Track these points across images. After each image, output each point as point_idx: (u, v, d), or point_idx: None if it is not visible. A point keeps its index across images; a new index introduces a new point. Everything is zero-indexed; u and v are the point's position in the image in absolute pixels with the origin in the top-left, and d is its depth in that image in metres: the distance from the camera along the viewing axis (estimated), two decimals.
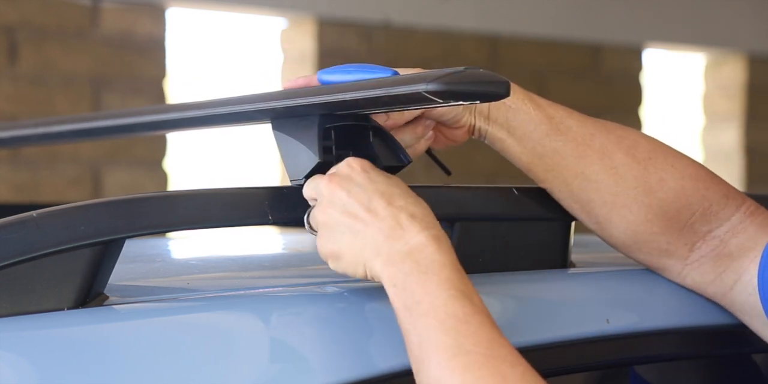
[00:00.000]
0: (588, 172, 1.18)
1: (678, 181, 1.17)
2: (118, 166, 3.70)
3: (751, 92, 5.14)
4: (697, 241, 1.18)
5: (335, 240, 1.03)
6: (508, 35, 4.47)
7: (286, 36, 4.19)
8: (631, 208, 1.17)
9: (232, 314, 1.06)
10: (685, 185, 1.17)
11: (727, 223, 1.17)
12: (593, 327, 1.16)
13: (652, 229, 1.18)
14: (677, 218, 1.17)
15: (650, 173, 1.17)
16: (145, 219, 1.03)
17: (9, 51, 3.54)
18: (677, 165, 1.19)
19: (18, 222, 0.99)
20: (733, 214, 1.17)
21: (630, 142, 1.19)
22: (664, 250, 1.19)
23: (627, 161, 1.18)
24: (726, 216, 1.17)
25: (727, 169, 5.13)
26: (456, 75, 0.98)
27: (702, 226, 1.17)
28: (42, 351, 0.96)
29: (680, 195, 1.17)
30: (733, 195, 1.19)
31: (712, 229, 1.17)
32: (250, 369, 0.99)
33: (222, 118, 1.22)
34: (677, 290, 1.22)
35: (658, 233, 1.18)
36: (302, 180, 1.10)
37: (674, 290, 1.22)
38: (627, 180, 1.17)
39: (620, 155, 1.18)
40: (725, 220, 1.17)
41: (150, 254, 1.53)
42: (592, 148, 1.18)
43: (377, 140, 1.12)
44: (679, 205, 1.17)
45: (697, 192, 1.17)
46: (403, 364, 1.03)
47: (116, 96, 3.68)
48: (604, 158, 1.18)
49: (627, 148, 1.18)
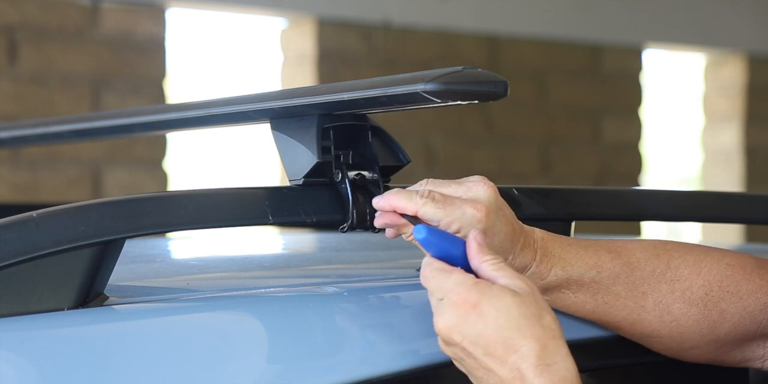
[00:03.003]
0: (647, 332, 1.14)
1: (737, 305, 1.14)
2: (118, 166, 3.70)
3: (751, 92, 5.13)
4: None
5: (459, 365, 1.00)
6: (508, 35, 4.47)
7: (286, 36, 4.19)
8: (700, 348, 1.14)
9: (232, 314, 1.06)
10: (745, 305, 1.14)
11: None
12: (593, 326, 1.16)
13: (725, 351, 1.15)
14: (746, 335, 1.15)
15: (710, 310, 1.13)
16: (145, 219, 1.03)
17: (9, 51, 3.54)
18: (730, 287, 1.14)
19: (18, 222, 0.99)
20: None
21: (684, 285, 1.13)
22: (741, 359, 1.17)
23: (686, 309, 1.13)
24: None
25: (727, 169, 5.13)
26: (454, 75, 0.98)
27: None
28: (42, 351, 0.96)
29: (743, 316, 1.14)
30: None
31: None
32: (250, 369, 0.99)
33: (222, 118, 1.22)
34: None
35: (731, 351, 1.16)
36: (301, 180, 1.10)
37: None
38: (690, 327, 1.13)
39: (678, 306, 1.13)
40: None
41: (150, 254, 1.53)
42: (646, 309, 1.13)
43: (376, 140, 1.12)
44: (746, 323, 1.14)
45: (757, 302, 1.14)
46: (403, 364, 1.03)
47: (116, 96, 3.67)
48: (663, 315, 1.13)
49: (681, 293, 1.13)
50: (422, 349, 1.06)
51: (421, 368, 1.05)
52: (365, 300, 1.10)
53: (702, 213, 1.38)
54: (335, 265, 1.48)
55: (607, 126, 4.77)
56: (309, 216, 1.09)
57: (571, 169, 4.66)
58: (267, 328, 1.04)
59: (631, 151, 4.84)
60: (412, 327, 1.07)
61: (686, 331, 1.13)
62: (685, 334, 1.13)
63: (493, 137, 4.44)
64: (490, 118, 4.46)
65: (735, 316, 1.13)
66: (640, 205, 1.32)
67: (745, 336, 1.15)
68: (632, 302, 1.12)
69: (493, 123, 4.47)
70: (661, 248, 1.15)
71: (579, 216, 1.26)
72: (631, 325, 1.13)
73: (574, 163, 4.68)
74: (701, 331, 1.13)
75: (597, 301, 1.12)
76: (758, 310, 1.14)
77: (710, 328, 1.13)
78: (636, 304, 1.12)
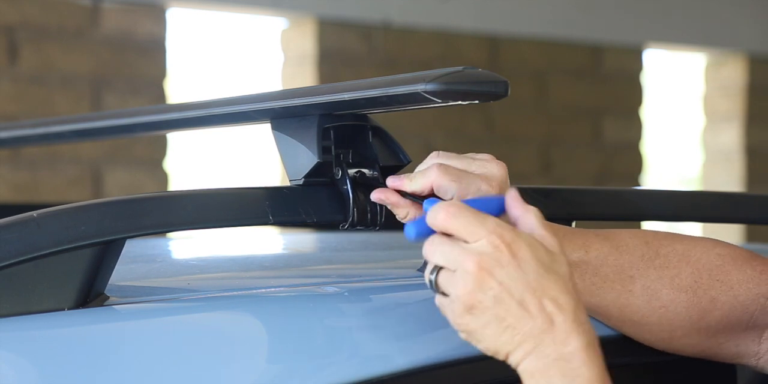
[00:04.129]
0: (636, 318, 1.12)
1: (728, 293, 1.13)
2: (118, 166, 3.70)
3: (751, 92, 5.13)
4: (763, 333, 1.14)
5: (479, 325, 0.95)
6: (508, 35, 4.47)
7: (286, 36, 4.19)
8: (691, 337, 1.13)
9: (232, 314, 1.06)
10: (736, 294, 1.13)
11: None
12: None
13: (718, 342, 1.14)
14: (738, 325, 1.13)
15: (699, 297, 1.12)
16: (145, 219, 1.03)
17: (9, 51, 3.54)
18: (720, 276, 1.13)
19: (18, 222, 0.99)
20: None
21: (672, 271, 1.12)
22: (734, 353, 1.15)
23: (674, 295, 1.12)
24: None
25: (727, 169, 5.13)
26: (454, 75, 0.98)
27: (764, 318, 1.14)
28: (42, 351, 0.96)
29: (734, 305, 1.12)
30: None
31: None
32: (250, 369, 0.99)
33: (222, 118, 1.22)
34: None
35: (723, 342, 1.14)
36: (302, 180, 1.10)
37: None
38: (679, 314, 1.12)
39: (667, 292, 1.12)
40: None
41: (150, 254, 1.53)
42: (634, 294, 1.12)
43: (377, 140, 1.12)
44: (737, 313, 1.13)
45: (749, 292, 1.13)
46: (403, 364, 1.03)
47: (116, 96, 3.68)
48: (651, 301, 1.12)
49: (670, 279, 1.12)
50: (422, 349, 1.06)
51: (422, 368, 1.05)
52: (365, 300, 1.10)
53: (702, 213, 1.38)
54: (335, 265, 1.48)
55: (608, 126, 4.77)
56: (309, 216, 1.09)
57: (571, 169, 4.66)
58: (267, 328, 1.04)
59: (632, 151, 4.84)
60: (413, 327, 1.07)
61: (675, 318, 1.12)
62: (674, 321, 1.12)
63: (493, 137, 4.44)
64: (491, 118, 4.46)
65: (726, 305, 1.12)
66: (640, 205, 1.32)
67: (737, 326, 1.14)
68: (620, 285, 1.11)
69: (493, 123, 4.47)
70: (651, 236, 1.14)
71: (579, 216, 1.26)
72: (620, 309, 1.12)
73: (574, 163, 4.68)
74: (691, 318, 1.12)
75: (585, 282, 1.10)
76: (750, 300, 1.13)
77: (700, 315, 1.12)
78: (624, 287, 1.11)
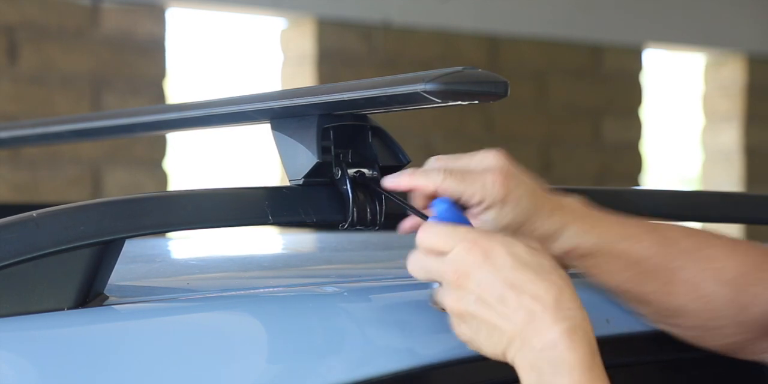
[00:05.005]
0: (675, 306, 1.12)
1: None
2: (118, 166, 3.70)
3: (751, 92, 5.13)
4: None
5: (472, 332, 0.98)
6: (508, 35, 4.47)
7: (286, 36, 4.19)
8: (728, 328, 1.13)
9: (232, 314, 1.06)
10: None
11: None
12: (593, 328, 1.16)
13: (751, 338, 1.14)
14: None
15: (741, 293, 1.12)
16: (145, 219, 1.03)
17: (9, 51, 3.54)
18: (764, 275, 1.12)
19: (18, 222, 0.99)
20: None
21: (717, 265, 1.12)
22: (760, 349, 1.15)
23: (717, 289, 1.11)
24: None
25: (727, 169, 5.13)
26: (454, 75, 0.98)
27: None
28: (42, 351, 0.96)
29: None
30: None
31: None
32: (250, 369, 0.99)
33: (221, 118, 1.22)
34: None
35: (756, 339, 1.14)
36: (301, 180, 1.10)
37: None
38: (719, 307, 1.12)
39: (709, 284, 1.11)
40: None
41: (150, 254, 1.53)
42: (676, 285, 1.11)
43: (376, 140, 1.12)
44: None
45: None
46: (403, 364, 1.03)
47: (116, 96, 3.68)
48: (693, 292, 1.11)
49: (713, 272, 1.12)
50: (422, 349, 1.06)
51: (422, 368, 1.05)
52: (365, 300, 1.10)
53: (702, 213, 1.38)
54: (335, 265, 1.48)
55: (607, 126, 4.77)
56: (309, 216, 1.09)
57: (571, 169, 4.66)
58: (267, 328, 1.04)
59: (631, 151, 4.84)
60: (412, 327, 1.07)
61: (715, 309, 1.11)
62: (714, 311, 1.11)
63: (493, 137, 4.44)
64: (491, 118, 4.46)
65: (766, 302, 1.11)
66: (640, 205, 1.31)
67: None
68: (663, 276, 1.11)
69: (493, 123, 4.47)
70: (696, 230, 1.14)
71: None
72: (660, 298, 1.12)
73: (574, 163, 4.68)
74: (729, 312, 1.11)
75: (629, 272, 1.10)
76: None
77: (740, 309, 1.11)
78: (667, 278, 1.11)
